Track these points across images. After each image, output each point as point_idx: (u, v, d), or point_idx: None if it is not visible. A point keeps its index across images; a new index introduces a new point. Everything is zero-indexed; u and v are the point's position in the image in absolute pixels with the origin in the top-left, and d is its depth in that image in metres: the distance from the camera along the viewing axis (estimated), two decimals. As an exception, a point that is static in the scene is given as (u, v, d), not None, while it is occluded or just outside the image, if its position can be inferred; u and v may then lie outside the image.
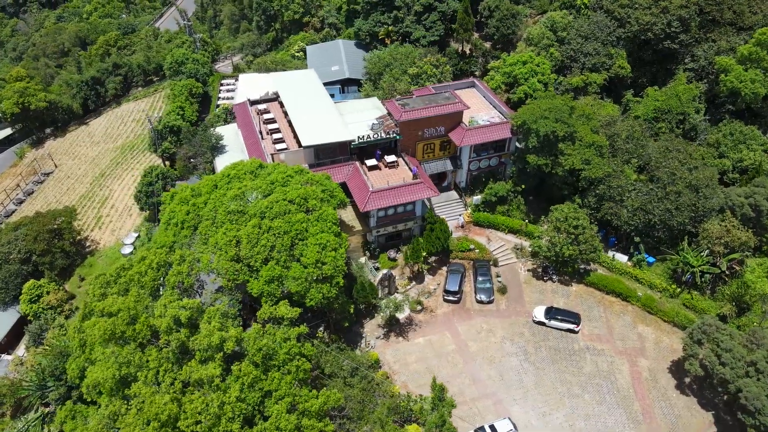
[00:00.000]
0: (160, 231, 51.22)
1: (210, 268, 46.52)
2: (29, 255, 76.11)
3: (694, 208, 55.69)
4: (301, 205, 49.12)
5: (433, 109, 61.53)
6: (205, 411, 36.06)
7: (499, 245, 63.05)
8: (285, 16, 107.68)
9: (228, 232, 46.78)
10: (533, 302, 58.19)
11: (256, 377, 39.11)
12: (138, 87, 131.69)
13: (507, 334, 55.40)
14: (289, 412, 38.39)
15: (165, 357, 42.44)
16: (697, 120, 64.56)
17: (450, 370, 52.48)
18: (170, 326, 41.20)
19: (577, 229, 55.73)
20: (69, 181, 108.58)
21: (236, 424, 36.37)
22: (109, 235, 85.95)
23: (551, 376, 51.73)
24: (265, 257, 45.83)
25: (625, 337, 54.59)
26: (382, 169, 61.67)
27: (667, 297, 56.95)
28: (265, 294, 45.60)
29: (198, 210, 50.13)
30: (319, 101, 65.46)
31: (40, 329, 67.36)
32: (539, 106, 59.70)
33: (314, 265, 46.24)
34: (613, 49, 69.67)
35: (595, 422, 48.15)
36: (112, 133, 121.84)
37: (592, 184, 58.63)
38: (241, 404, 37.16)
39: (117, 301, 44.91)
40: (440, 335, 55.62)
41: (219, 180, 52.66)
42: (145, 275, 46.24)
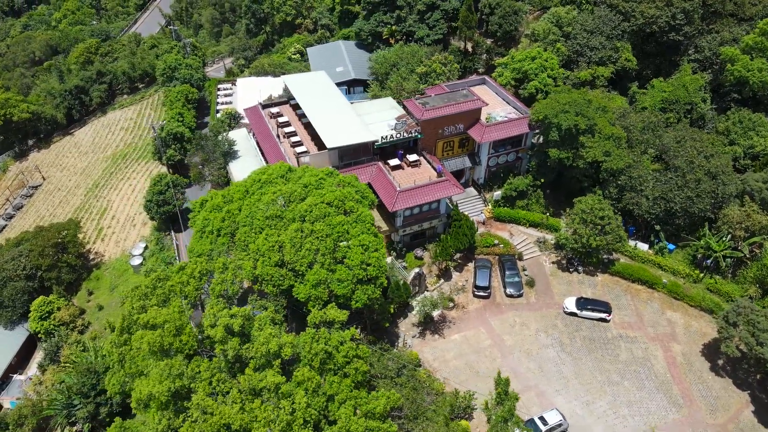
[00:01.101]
0: (195, 239, 50.29)
1: (253, 275, 45.91)
2: (34, 271, 73.92)
3: (713, 195, 57.29)
4: (339, 207, 48.87)
5: (453, 107, 61.88)
6: (277, 418, 35.60)
7: (521, 239, 63.77)
8: (276, 18, 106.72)
9: (269, 238, 46.24)
10: (561, 294, 59.04)
11: (319, 382, 38.81)
12: (123, 95, 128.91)
13: (540, 326, 56.10)
14: (354, 414, 38.21)
15: (216, 367, 41.80)
16: (705, 109, 66.44)
17: (489, 365, 52.90)
18: (224, 336, 40.50)
19: (603, 220, 56.75)
20: (60, 194, 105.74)
21: (308, 430, 36.03)
22: (113, 247, 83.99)
23: (589, 365, 52.60)
24: (310, 261, 45.45)
25: (655, 323, 55.84)
26: (405, 169, 61.72)
27: (690, 282, 58.42)
28: (312, 298, 45.23)
29: (233, 216, 49.42)
30: (336, 103, 65.17)
31: (56, 346, 65.42)
32: (558, 101, 60.59)
33: (359, 267, 46.06)
34: (618, 43, 71.14)
35: (639, 408, 49.14)
36: (100, 142, 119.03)
37: (612, 175, 59.74)
38: (310, 410, 36.81)
39: (161, 313, 43.98)
40: (475, 331, 56.00)
41: (250, 185, 52.02)
42: (188, 285, 45.39)
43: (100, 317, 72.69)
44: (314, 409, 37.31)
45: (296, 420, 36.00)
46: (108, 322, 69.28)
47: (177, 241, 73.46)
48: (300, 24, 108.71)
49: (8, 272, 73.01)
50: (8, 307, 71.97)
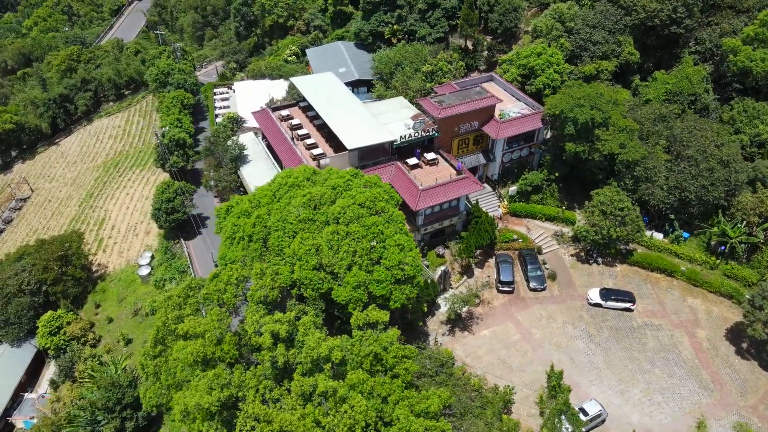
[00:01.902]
0: (224, 246, 49.43)
1: (291, 279, 45.41)
2: (39, 285, 71.87)
3: (727, 183, 58.73)
4: (371, 208, 48.68)
5: (468, 105, 62.19)
6: (340, 422, 35.29)
7: (539, 233, 64.44)
8: (268, 20, 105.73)
9: (305, 241, 45.78)
10: (583, 285, 59.85)
11: (374, 384, 38.60)
12: (109, 102, 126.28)
13: (567, 318, 56.77)
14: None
15: (262, 374, 41.26)
16: (708, 100, 68.03)
17: (521, 359, 53.36)
18: (272, 342, 39.98)
19: (622, 211, 57.71)
20: (51, 205, 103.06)
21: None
22: (117, 258, 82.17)
23: (619, 354, 53.44)
24: (348, 263, 45.16)
25: (677, 310, 57.01)
26: (424, 167, 61.79)
27: (707, 269, 59.78)
28: (352, 300, 44.96)
29: (264, 221, 48.77)
30: (350, 104, 64.93)
31: (70, 362, 63.77)
32: (571, 95, 61.37)
33: (397, 267, 45.95)
34: (621, 37, 72.33)
35: (672, 394, 50.12)
36: (88, 151, 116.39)
37: (627, 167, 60.74)
38: (370, 412, 36.59)
39: (201, 322, 43.24)
40: (503, 326, 56.39)
41: (277, 189, 51.41)
42: (225, 292, 44.64)
43: (111, 330, 71.06)
44: (373, 411, 37.05)
45: (358, 423, 35.71)
46: (122, 334, 67.91)
47: (188, 249, 72.14)
48: (292, 26, 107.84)
49: (12, 288, 70.82)
50: (14, 324, 69.81)
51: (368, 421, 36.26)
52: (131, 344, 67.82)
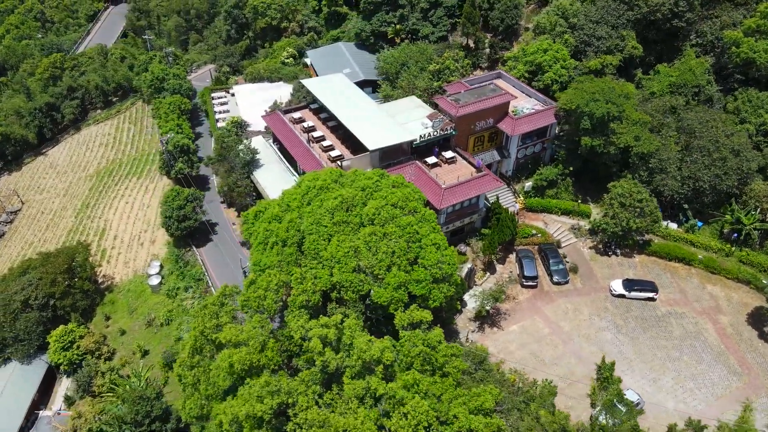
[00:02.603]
0: (257, 252, 48.72)
1: (331, 283, 45.05)
2: (47, 300, 69.94)
3: (739, 171, 60.20)
4: (404, 208, 48.63)
5: (485, 102, 62.55)
6: (405, 424, 35.15)
7: (556, 227, 65.13)
8: (261, 22, 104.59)
9: (342, 244, 45.49)
10: (604, 277, 60.69)
11: (428, 384, 38.55)
12: (97, 110, 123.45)
13: (592, 310, 57.52)
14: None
15: (311, 380, 40.86)
16: (712, 91, 69.63)
17: (553, 352, 53.88)
18: (322, 347, 39.60)
19: (641, 203, 58.70)
20: (45, 217, 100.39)
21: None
22: (123, 268, 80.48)
23: (647, 343, 54.34)
24: (388, 264, 45.01)
25: (699, 298, 58.22)
26: (442, 166, 61.91)
27: (722, 256, 61.16)
28: (393, 301, 44.84)
29: (296, 225, 48.27)
30: (365, 104, 64.76)
31: (87, 377, 62.25)
32: (585, 90, 62.17)
33: (435, 266, 45.98)
34: (624, 32, 73.55)
35: (702, 380, 51.17)
36: (78, 161, 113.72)
37: (642, 159, 61.77)
38: (431, 412, 36.53)
39: (244, 330, 42.67)
40: (531, 320, 56.87)
41: (305, 192, 50.97)
42: (265, 299, 44.07)
43: (125, 342, 69.56)
44: (433, 411, 37.00)
45: (421, 423, 35.61)
46: (138, 346, 66.59)
47: (201, 256, 70.98)
48: (285, 28, 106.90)
49: (19, 303, 68.80)
50: (24, 341, 67.79)
51: (429, 422, 36.18)
52: (148, 356, 66.55)
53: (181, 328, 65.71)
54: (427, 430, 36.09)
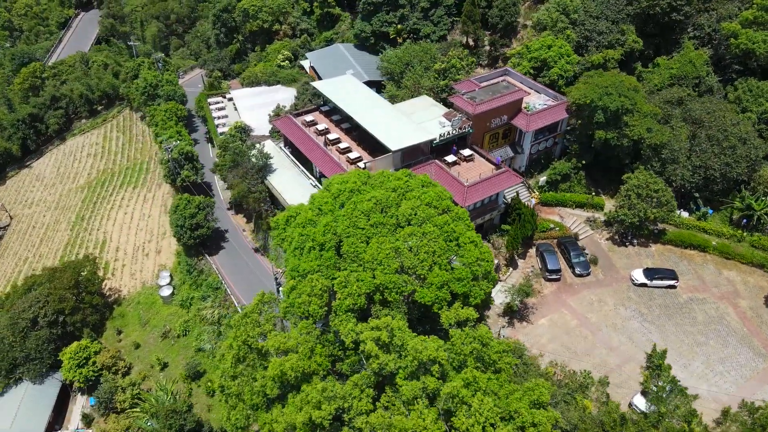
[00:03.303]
0: (293, 257, 48.06)
1: (374, 285, 44.83)
2: (56, 316, 67.93)
3: (748, 159, 62.04)
4: (437, 207, 48.75)
5: (500, 99, 63.12)
6: (474, 422, 35.25)
7: (572, 221, 66.10)
8: (253, 25, 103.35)
9: (383, 245, 45.32)
10: (624, 267, 61.84)
11: (485, 380, 38.73)
12: (82, 119, 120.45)
13: (616, 300, 58.55)
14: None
15: (364, 383, 40.63)
16: (712, 82, 71.57)
17: (584, 344, 54.68)
18: (378, 350, 39.43)
19: (657, 193, 60.00)
20: (37, 232, 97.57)
21: (506, 428, 35.95)
22: (129, 280, 78.73)
23: (672, 330, 55.58)
24: (430, 264, 45.05)
25: (717, 283, 59.81)
26: (461, 164, 62.22)
27: (735, 242, 62.93)
28: (437, 300, 44.91)
29: (332, 228, 47.89)
30: (381, 105, 64.69)
31: (109, 393, 60.72)
32: (597, 84, 63.22)
33: (475, 263, 46.22)
34: (624, 26, 75.06)
35: (731, 363, 52.59)
36: (66, 172, 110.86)
37: (655, 149, 63.12)
38: (495, 409, 36.71)
39: (291, 336, 42.20)
40: (558, 313, 57.60)
41: (336, 195, 50.64)
42: (310, 304, 43.62)
43: (141, 356, 68.06)
44: (497, 408, 37.18)
45: (488, 420, 35.76)
46: (157, 359, 65.25)
47: (215, 264, 69.82)
48: (277, 30, 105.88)
49: (27, 321, 66.65)
50: (35, 360, 65.72)
51: (496, 420, 36.35)
52: (167, 368, 65.22)
53: (201, 338, 64.61)
54: (493, 427, 36.21)
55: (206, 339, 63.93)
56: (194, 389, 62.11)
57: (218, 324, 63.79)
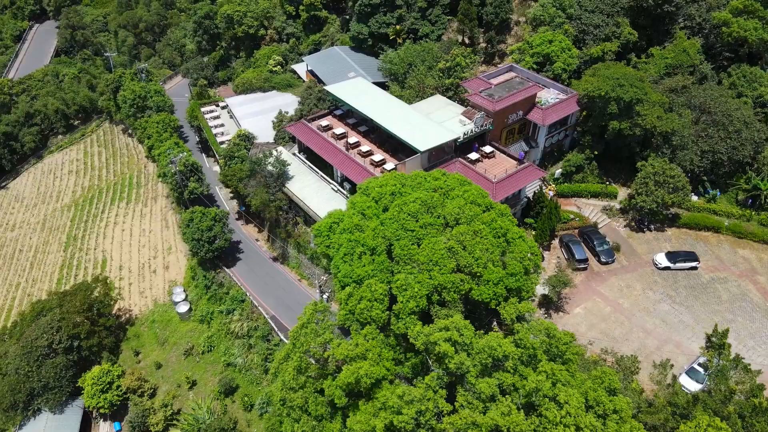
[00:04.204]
0: (344, 264, 47.42)
1: (432, 286, 44.87)
2: (71, 341, 65.26)
3: (753, 141, 64.93)
4: (481, 205, 49.18)
5: (517, 95, 64.06)
6: (566, 413, 35.78)
7: (589, 210, 67.71)
8: (238, 31, 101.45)
9: (436, 245, 45.42)
10: (645, 252, 63.77)
11: (563, 372, 39.36)
12: (58, 135, 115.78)
13: (644, 284, 60.33)
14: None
15: (436, 384, 40.69)
16: (707, 69, 74.54)
17: (621, 329, 56.14)
18: (452, 350, 39.51)
19: (673, 178, 62.13)
20: (26, 255, 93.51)
21: (591, 417, 36.58)
22: (139, 299, 76.33)
23: (701, 309, 57.68)
24: (485, 261, 45.42)
25: (734, 262, 62.37)
26: (483, 161, 62.87)
27: (744, 221, 65.77)
28: (494, 297, 45.32)
29: (381, 232, 47.66)
30: (398, 107, 64.61)
31: (142, 416, 58.79)
32: (608, 76, 64.92)
33: (527, 258, 46.87)
34: (619, 19, 77.34)
35: (759, 337, 54.98)
36: (47, 191, 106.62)
37: (665, 137, 65.27)
38: (581, 398, 37.31)
39: (359, 343, 41.84)
40: (591, 301, 58.93)
41: (378, 199, 50.42)
42: (372, 309, 43.35)
43: (164, 376, 66.13)
44: (582, 398, 37.79)
45: (577, 411, 36.34)
46: (186, 377, 63.41)
47: (235, 276, 68.30)
48: (263, 36, 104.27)
49: (42, 349, 63.78)
50: (54, 389, 63.06)
51: (581, 411, 36.95)
52: (196, 386, 63.54)
53: (230, 353, 63.19)
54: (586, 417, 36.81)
55: (236, 353, 62.57)
56: (228, 405, 60.74)
57: (248, 337, 62.47)
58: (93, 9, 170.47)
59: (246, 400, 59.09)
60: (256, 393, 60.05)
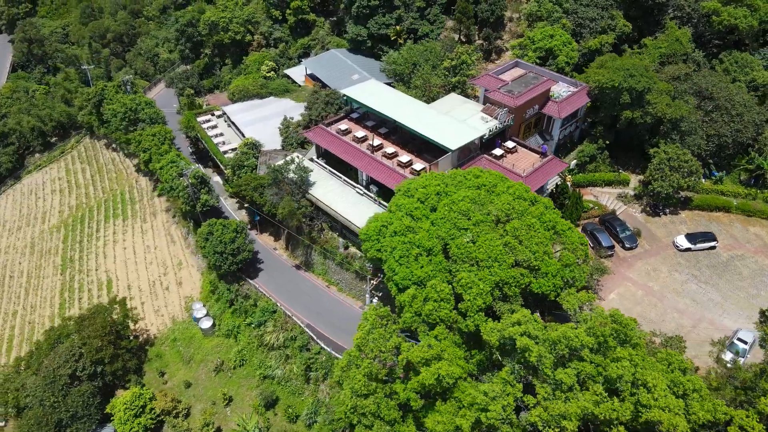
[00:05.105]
0: (401, 266, 47.22)
1: (494, 282, 45.32)
2: (94, 367, 62.87)
3: (754, 123, 68.15)
4: (527, 199, 49.99)
5: (534, 90, 65.25)
6: (658, 395, 36.83)
7: (605, 198, 69.61)
8: (224, 37, 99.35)
9: (492, 242, 45.91)
10: (664, 236, 66.03)
11: (640, 357, 40.51)
12: (35, 153, 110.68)
13: (669, 267, 62.48)
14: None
15: (513, 378, 41.23)
16: (699, 57, 77.73)
17: (656, 311, 58.00)
18: (532, 344, 40.06)
19: (687, 163, 64.60)
20: (18, 281, 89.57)
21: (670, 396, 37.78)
22: (155, 317, 74.11)
23: (726, 287, 60.20)
24: (542, 254, 46.21)
25: (748, 239, 65.31)
26: (507, 156, 63.77)
27: (750, 200, 68.98)
28: (554, 288, 46.17)
29: (434, 232, 47.80)
30: (419, 107, 64.70)
31: (184, 438, 57.20)
32: (617, 67, 66.89)
33: (579, 248, 47.92)
34: (613, 11, 79.74)
35: (784, 309, 57.88)
36: (31, 213, 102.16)
37: (674, 123, 67.72)
38: (666, 380, 38.49)
39: (432, 344, 41.89)
40: (623, 286, 60.64)
41: (423, 199, 50.53)
42: (441, 309, 43.49)
43: (196, 394, 64.43)
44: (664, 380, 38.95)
45: (665, 393, 37.49)
46: (223, 394, 61.80)
47: (261, 287, 66.99)
48: (249, 41, 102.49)
49: (66, 378, 61.17)
50: (83, 417, 60.71)
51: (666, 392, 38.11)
52: (233, 402, 62.10)
53: (266, 365, 61.94)
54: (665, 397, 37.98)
55: (273, 365, 61.45)
56: (271, 418, 59.66)
57: (284, 347, 61.46)
58: (50, 21, 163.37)
59: (290, 411, 58.18)
60: (299, 404, 59.20)
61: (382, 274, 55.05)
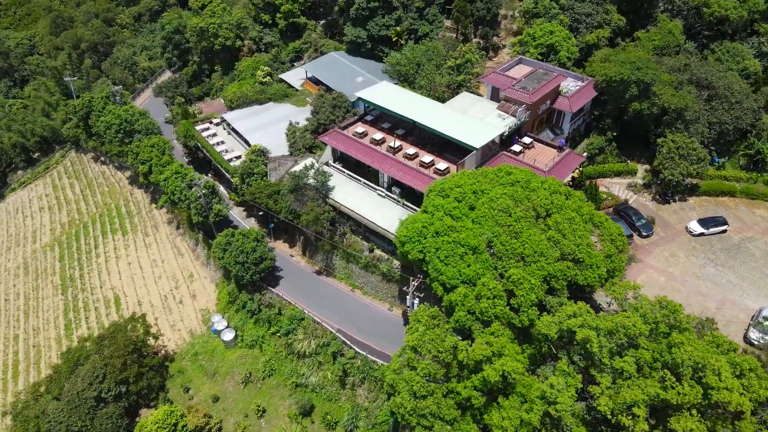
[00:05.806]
0: (448, 267, 47.43)
1: (542, 276, 46.01)
2: (119, 388, 61.13)
3: (752, 110, 70.92)
4: (562, 193, 50.90)
5: (547, 86, 66.32)
6: (723, 378, 38.03)
7: (616, 189, 71.34)
8: (216, 44, 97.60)
9: (536, 237, 46.62)
10: (676, 222, 68.10)
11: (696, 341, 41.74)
12: (18, 170, 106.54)
13: (685, 252, 64.49)
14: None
15: (572, 370, 42.00)
16: (692, 48, 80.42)
17: (680, 296, 59.67)
18: (594, 335, 40.85)
19: (695, 151, 66.79)
20: (17, 304, 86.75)
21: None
22: (171, 332, 72.47)
23: (742, 267, 62.50)
24: (585, 246, 47.13)
25: (755, 222, 67.93)
26: (525, 152, 64.69)
27: (751, 184, 71.74)
28: (598, 279, 47.15)
29: (476, 231, 48.19)
30: (436, 108, 65.01)
31: (223, 454, 56.16)
32: (623, 61, 68.64)
33: (618, 239, 49.05)
34: (607, 6, 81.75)
35: (799, 286, 60.56)
36: (20, 232, 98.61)
37: (678, 113, 69.87)
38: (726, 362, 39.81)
39: (492, 342, 42.26)
40: (644, 274, 62.26)
41: (460, 198, 50.89)
42: (495, 306, 43.90)
43: (226, 408, 63.32)
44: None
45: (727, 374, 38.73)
46: (257, 405, 60.87)
47: (285, 295, 66.19)
48: (240, 47, 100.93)
49: (91, 400, 59.29)
50: (113, 441, 58.77)
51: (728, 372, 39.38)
52: (266, 413, 61.27)
53: (299, 373, 61.32)
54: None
55: (306, 372, 60.88)
56: (308, 426, 59.15)
57: (315, 354, 60.94)
58: (15, 32, 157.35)
59: (329, 418, 57.80)
60: (336, 410, 58.85)
61: (421, 275, 55.17)
